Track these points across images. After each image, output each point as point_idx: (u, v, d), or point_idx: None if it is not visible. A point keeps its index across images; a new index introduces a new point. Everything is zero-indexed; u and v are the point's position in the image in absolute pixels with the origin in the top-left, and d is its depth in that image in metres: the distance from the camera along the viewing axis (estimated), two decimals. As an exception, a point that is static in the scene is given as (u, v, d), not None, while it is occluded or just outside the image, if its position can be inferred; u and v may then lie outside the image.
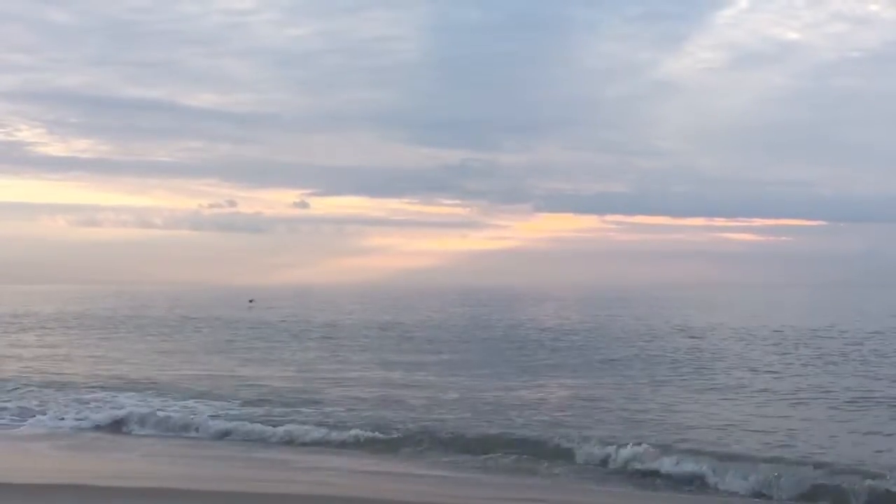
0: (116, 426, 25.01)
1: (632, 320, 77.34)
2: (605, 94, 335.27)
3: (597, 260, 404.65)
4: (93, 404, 27.53)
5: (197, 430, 24.18)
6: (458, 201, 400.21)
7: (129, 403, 27.39)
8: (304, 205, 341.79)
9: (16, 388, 30.95)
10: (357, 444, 22.17)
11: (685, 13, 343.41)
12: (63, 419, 25.58)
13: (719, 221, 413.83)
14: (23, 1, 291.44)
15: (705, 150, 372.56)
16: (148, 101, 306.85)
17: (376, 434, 22.50)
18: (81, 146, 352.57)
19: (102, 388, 31.16)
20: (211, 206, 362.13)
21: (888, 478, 17.17)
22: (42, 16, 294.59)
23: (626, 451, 19.56)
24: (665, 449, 19.80)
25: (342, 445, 22.18)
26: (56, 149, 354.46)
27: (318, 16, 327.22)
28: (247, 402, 27.90)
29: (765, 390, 30.44)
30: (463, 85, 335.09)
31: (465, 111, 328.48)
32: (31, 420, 25.51)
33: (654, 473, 18.82)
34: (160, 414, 25.69)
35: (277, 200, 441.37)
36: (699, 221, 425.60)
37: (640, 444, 19.91)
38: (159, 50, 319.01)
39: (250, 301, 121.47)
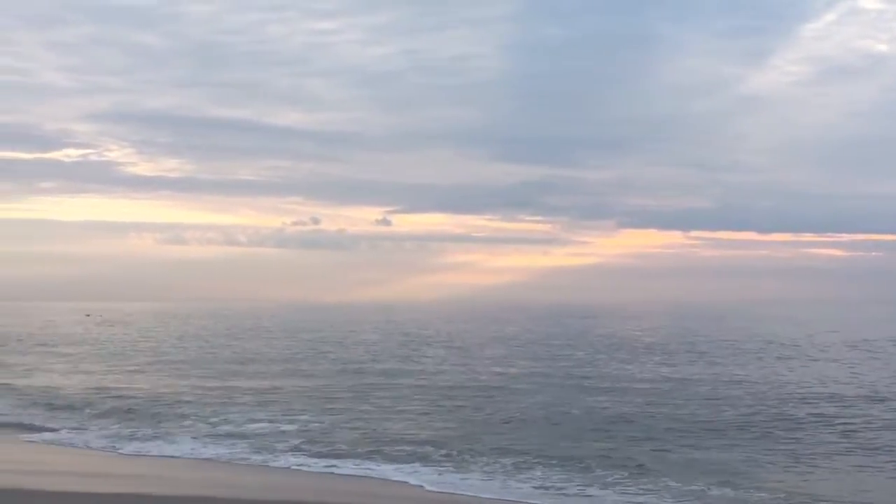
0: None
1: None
2: (689, 109, 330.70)
3: (681, 276, 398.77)
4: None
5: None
6: (539, 218, 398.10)
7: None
8: (386, 222, 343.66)
9: None
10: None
11: (771, 27, 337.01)
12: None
13: (806, 237, 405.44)
14: (117, 26, 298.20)
15: (791, 165, 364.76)
16: (234, 120, 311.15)
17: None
18: (169, 165, 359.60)
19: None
20: (294, 223, 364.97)
21: None
22: (134, 39, 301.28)
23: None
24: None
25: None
26: (144, 168, 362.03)
27: (400, 35, 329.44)
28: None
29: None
30: (545, 102, 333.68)
31: (547, 128, 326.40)
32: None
33: None
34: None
35: (360, 218, 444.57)
36: (785, 237, 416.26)
37: None
38: (246, 71, 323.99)
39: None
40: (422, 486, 19.13)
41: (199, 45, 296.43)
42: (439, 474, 20.37)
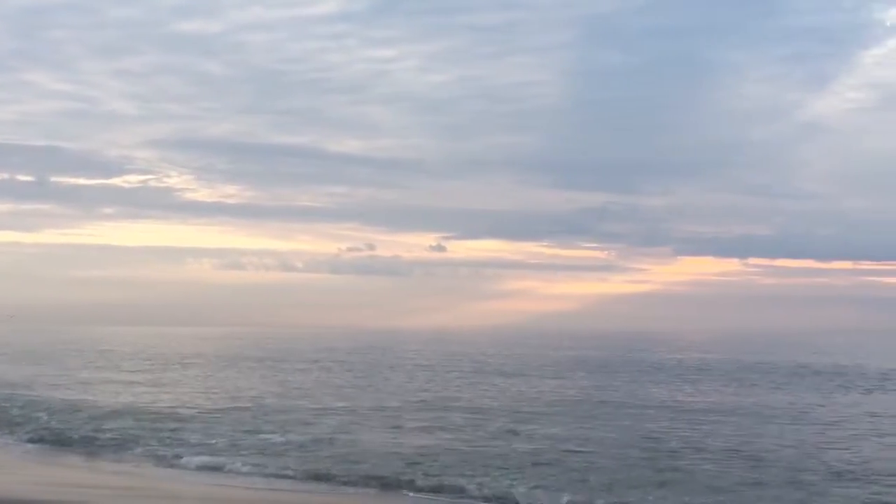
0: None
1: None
2: (749, 135, 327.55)
3: (739, 304, 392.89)
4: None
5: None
6: (596, 244, 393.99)
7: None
8: (440, 248, 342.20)
9: None
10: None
11: (833, 53, 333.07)
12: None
13: (867, 265, 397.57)
14: (181, 55, 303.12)
15: (852, 192, 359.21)
16: (293, 147, 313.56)
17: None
18: (228, 192, 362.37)
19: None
20: (350, 249, 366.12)
21: None
22: (197, 68, 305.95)
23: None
24: None
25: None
26: (203, 194, 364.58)
27: (459, 62, 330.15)
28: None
29: None
30: (603, 128, 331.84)
31: (605, 154, 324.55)
32: None
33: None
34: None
35: (415, 244, 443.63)
36: (845, 265, 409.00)
37: None
38: (305, 98, 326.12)
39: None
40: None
41: (260, 73, 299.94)
42: None
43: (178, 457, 26.53)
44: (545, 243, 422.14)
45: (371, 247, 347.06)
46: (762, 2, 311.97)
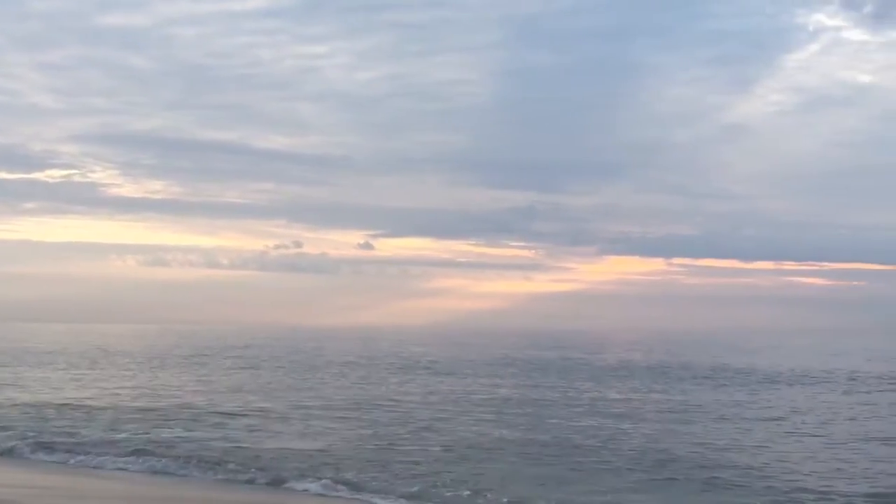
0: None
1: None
2: (674, 137, 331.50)
3: (663, 303, 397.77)
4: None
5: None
6: (523, 243, 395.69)
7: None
8: (368, 246, 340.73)
9: None
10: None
11: (756, 56, 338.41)
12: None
13: (789, 265, 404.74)
14: (107, 48, 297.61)
15: (775, 194, 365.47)
16: (221, 143, 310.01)
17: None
18: (153, 187, 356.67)
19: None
20: (277, 246, 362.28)
21: None
22: (123, 61, 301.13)
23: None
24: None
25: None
26: (128, 190, 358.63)
27: (388, 60, 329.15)
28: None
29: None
30: (532, 128, 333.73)
31: (533, 154, 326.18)
32: None
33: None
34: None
35: (343, 242, 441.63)
36: (768, 265, 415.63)
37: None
38: (233, 93, 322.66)
39: None
40: None
41: (188, 68, 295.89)
42: None
43: (72, 453, 26.29)
44: (473, 242, 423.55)
45: (298, 244, 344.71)
46: (688, 5, 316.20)
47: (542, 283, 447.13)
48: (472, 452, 26.58)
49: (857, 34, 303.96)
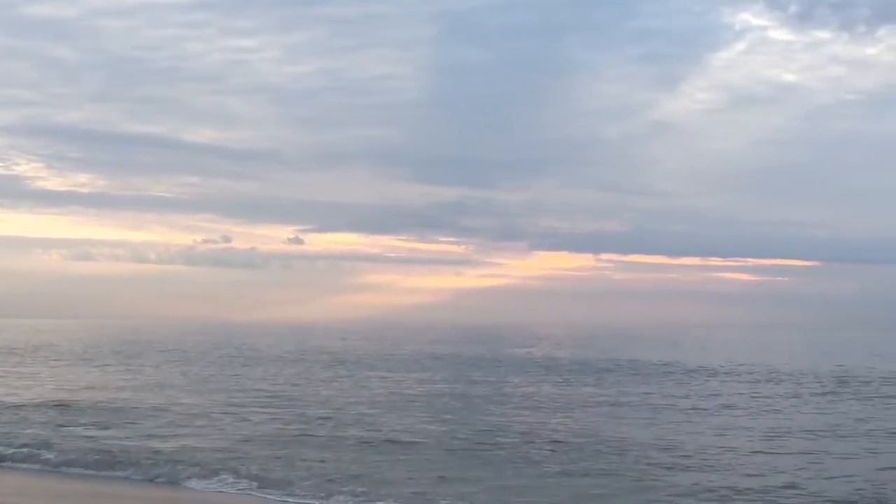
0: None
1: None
2: (603, 134, 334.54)
3: (592, 299, 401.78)
4: None
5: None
6: (453, 239, 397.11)
7: None
8: (298, 241, 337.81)
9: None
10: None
11: (683, 54, 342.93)
12: None
13: (715, 261, 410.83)
14: (32, 39, 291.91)
15: (702, 191, 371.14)
16: (148, 136, 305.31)
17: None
18: (80, 181, 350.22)
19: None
20: (205, 241, 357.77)
21: None
22: (49, 53, 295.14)
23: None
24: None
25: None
26: (54, 183, 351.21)
27: (319, 54, 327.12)
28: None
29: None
30: (462, 124, 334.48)
31: (464, 149, 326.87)
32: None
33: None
34: None
35: (273, 236, 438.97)
36: (695, 261, 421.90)
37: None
38: (161, 86, 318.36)
39: None
40: None
41: (115, 60, 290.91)
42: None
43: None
44: (403, 237, 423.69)
45: (227, 239, 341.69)
46: (617, 3, 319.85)
47: (472, 279, 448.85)
48: (390, 447, 26.64)
49: (782, 34, 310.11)
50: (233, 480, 21.97)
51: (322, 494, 20.49)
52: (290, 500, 20.38)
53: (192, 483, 22.16)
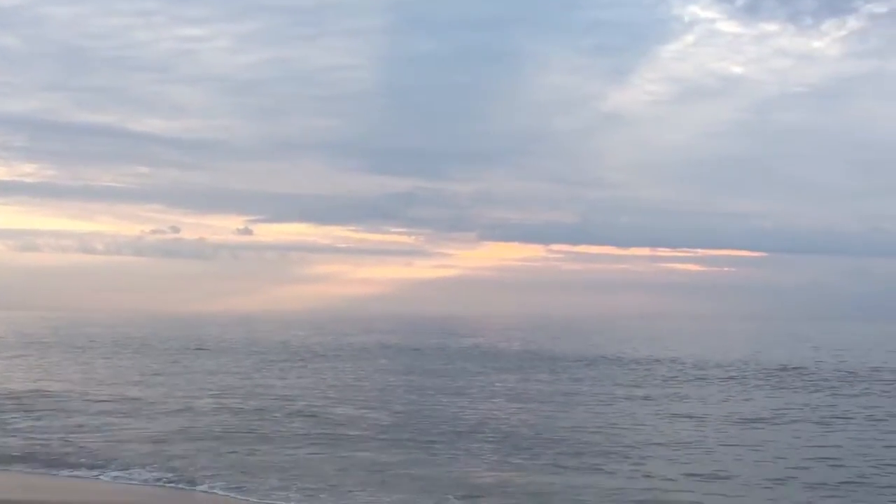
0: None
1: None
2: (553, 125, 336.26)
3: (542, 289, 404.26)
4: None
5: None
6: (403, 229, 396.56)
7: None
8: (248, 231, 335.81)
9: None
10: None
11: (633, 46, 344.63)
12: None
13: (663, 251, 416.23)
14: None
15: (651, 182, 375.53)
16: (96, 126, 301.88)
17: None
18: (25, 170, 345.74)
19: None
20: (153, 231, 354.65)
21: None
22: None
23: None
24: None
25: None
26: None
27: (269, 44, 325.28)
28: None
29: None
30: (414, 115, 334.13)
31: (414, 140, 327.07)
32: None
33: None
34: None
35: (222, 227, 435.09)
36: (644, 251, 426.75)
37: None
38: (109, 76, 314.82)
39: None
40: None
41: (62, 49, 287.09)
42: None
43: None
44: (353, 227, 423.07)
45: (175, 229, 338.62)
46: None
47: (423, 269, 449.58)
48: (329, 438, 26.54)
49: (730, 26, 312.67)
50: (147, 473, 21.79)
51: (234, 486, 20.40)
52: (196, 490, 20.38)
53: (106, 475, 21.89)
